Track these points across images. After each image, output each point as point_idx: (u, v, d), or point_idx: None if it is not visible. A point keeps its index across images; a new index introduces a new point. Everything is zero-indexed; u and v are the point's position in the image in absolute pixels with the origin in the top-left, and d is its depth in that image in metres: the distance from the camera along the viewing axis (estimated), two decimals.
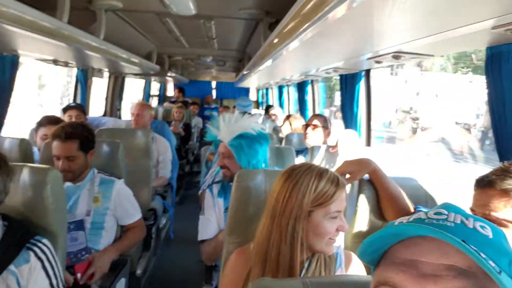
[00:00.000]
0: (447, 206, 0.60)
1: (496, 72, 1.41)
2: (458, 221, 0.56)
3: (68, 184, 2.00)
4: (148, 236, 2.80)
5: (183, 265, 3.43)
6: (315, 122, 2.90)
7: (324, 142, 2.85)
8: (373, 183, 1.60)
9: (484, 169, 1.17)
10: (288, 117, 3.93)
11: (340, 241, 1.49)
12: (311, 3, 1.46)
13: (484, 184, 1.12)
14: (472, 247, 0.51)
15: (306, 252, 1.13)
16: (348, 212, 1.54)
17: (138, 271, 2.51)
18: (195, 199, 5.03)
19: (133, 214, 2.15)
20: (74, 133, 1.94)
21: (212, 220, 1.91)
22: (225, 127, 1.89)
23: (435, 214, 0.58)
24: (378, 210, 1.58)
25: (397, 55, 1.81)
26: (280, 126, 3.95)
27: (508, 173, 1.09)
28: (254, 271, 1.13)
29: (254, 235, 1.27)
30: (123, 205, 2.09)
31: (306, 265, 1.14)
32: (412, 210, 1.53)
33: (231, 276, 1.23)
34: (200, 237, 1.91)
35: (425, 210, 1.03)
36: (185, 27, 3.85)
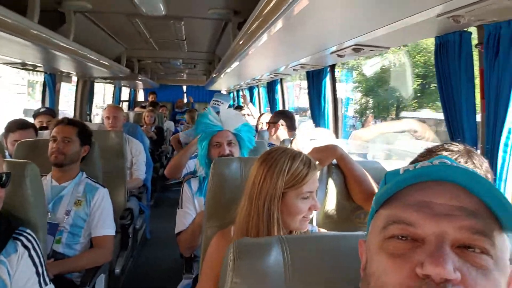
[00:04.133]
0: (446, 157, 0.63)
1: (444, 60, 1.55)
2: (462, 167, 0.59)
3: (54, 183, 2.03)
4: (125, 236, 2.82)
5: (160, 263, 3.46)
6: (273, 120, 3.02)
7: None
8: (341, 168, 1.72)
9: None
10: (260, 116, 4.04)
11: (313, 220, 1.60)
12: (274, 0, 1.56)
13: None
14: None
15: (283, 231, 1.19)
16: (319, 195, 1.65)
17: (117, 270, 2.52)
18: (170, 202, 5.06)
19: (105, 226, 2.06)
20: (76, 121, 2.19)
21: (190, 213, 1.95)
22: (228, 116, 1.97)
23: (441, 163, 0.60)
24: (346, 192, 1.70)
25: (356, 48, 1.94)
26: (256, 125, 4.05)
27: (432, 152, 1.21)
28: None
29: (232, 219, 1.35)
30: (100, 213, 2.06)
31: None
32: (376, 190, 1.66)
33: (214, 258, 1.28)
34: (177, 230, 1.94)
35: None
36: (155, 28, 3.89)
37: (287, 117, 3.02)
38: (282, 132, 2.98)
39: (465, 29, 1.48)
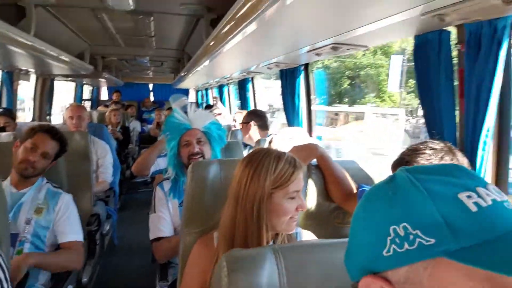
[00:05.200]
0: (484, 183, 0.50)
1: (424, 60, 1.56)
2: None
3: (13, 190, 1.87)
4: (92, 242, 2.68)
5: (129, 271, 3.33)
6: (245, 120, 2.98)
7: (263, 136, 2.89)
8: (320, 167, 1.69)
9: None
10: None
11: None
12: None
13: (402, 166, 1.22)
14: None
15: (271, 233, 1.17)
16: None
17: (84, 279, 2.38)
18: (137, 205, 4.90)
19: (72, 232, 1.93)
20: (62, 138, 2.00)
21: (164, 218, 1.87)
22: (196, 114, 1.93)
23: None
24: (325, 192, 1.68)
25: (335, 47, 1.92)
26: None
27: (417, 151, 1.22)
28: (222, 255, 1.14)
29: (213, 225, 1.29)
30: (66, 219, 1.92)
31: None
32: (355, 190, 1.64)
33: (196, 267, 1.22)
34: (152, 236, 1.86)
35: (367, 188, 1.08)
36: (122, 24, 3.72)
37: (258, 117, 2.98)
38: (254, 132, 2.94)
39: (444, 29, 1.49)
